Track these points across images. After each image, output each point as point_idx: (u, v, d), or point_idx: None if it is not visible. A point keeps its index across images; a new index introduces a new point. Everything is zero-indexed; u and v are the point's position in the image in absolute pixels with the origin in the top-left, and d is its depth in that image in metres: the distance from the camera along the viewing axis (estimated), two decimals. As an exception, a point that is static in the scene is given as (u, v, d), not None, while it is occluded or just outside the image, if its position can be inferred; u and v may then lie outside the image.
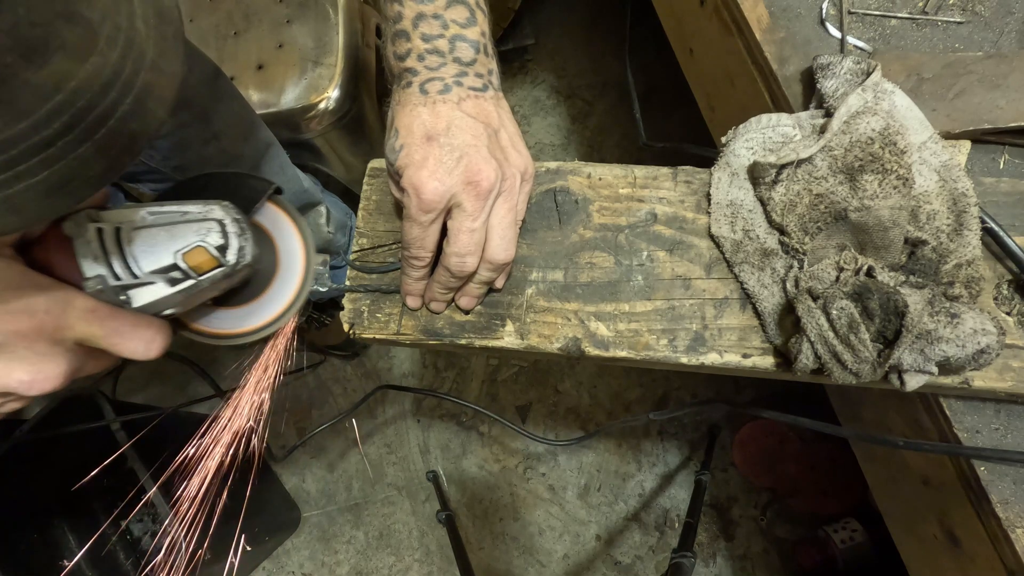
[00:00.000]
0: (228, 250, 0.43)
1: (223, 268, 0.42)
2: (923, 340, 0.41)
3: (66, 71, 0.26)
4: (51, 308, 0.35)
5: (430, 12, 0.43)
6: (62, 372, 0.36)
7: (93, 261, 0.39)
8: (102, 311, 0.37)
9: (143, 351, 0.39)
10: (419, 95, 0.44)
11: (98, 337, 0.37)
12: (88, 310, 0.37)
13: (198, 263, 0.41)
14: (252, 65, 1.12)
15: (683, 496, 1.40)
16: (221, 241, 0.42)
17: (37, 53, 0.25)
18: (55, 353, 0.36)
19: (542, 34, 1.76)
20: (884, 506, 0.67)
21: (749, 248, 0.49)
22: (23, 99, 0.26)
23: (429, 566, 1.45)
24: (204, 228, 0.42)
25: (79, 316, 0.36)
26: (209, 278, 0.42)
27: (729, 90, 0.70)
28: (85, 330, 0.36)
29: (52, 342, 0.35)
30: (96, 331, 0.37)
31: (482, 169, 0.42)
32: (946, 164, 0.48)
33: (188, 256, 0.41)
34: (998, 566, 0.48)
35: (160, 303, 0.40)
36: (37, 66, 0.25)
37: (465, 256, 0.45)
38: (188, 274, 0.41)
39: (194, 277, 0.41)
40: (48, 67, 0.26)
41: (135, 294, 0.40)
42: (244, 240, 0.44)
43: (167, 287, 0.40)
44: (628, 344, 0.49)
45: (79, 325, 0.36)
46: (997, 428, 0.49)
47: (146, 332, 0.39)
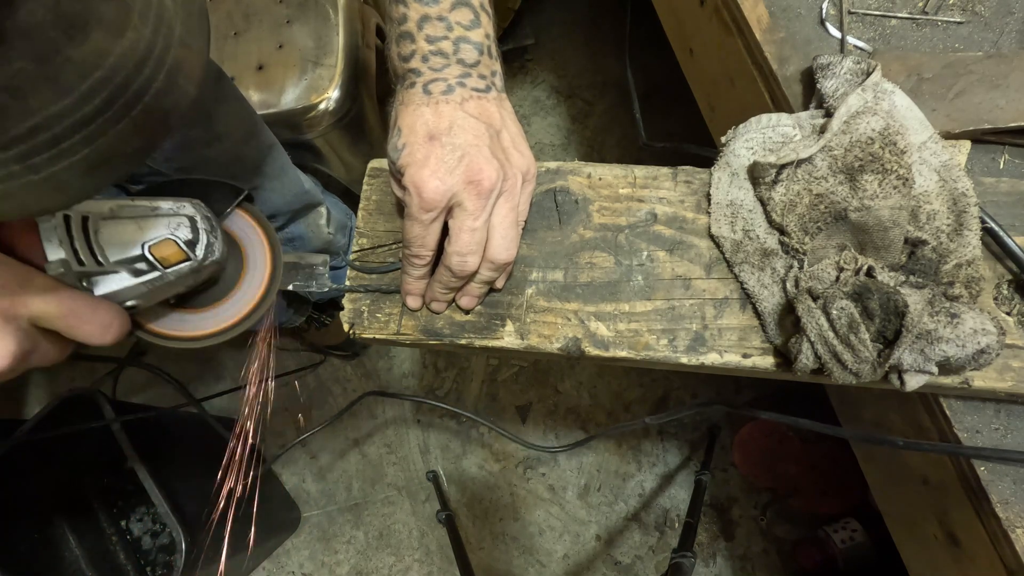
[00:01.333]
0: (197, 245, 0.43)
1: (190, 262, 0.42)
2: (923, 340, 0.41)
3: (105, 47, 0.27)
4: (7, 283, 0.34)
5: (435, 14, 0.43)
6: (11, 351, 0.34)
7: (58, 245, 0.38)
8: (61, 290, 0.36)
9: (99, 335, 0.38)
10: (422, 95, 0.44)
11: (54, 316, 0.36)
12: (46, 288, 0.36)
13: (165, 255, 0.41)
14: (252, 66, 1.12)
15: (683, 496, 1.40)
16: (191, 236, 0.43)
17: (78, 29, 0.26)
18: (7, 330, 0.34)
19: (542, 34, 1.76)
20: (884, 506, 0.67)
21: (749, 248, 0.49)
22: (66, 75, 0.26)
23: (429, 566, 1.45)
24: (175, 222, 0.43)
25: (36, 293, 0.35)
26: (175, 271, 0.42)
27: (729, 90, 0.70)
28: (41, 308, 0.35)
29: (5, 318, 0.34)
30: (52, 309, 0.36)
31: (483, 168, 0.42)
32: (946, 164, 0.48)
33: (156, 248, 0.41)
34: (998, 566, 0.48)
35: (123, 293, 0.40)
36: (78, 42, 0.26)
37: (466, 255, 0.45)
38: (155, 266, 0.41)
39: (160, 269, 0.41)
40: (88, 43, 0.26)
41: (98, 281, 0.39)
42: (214, 237, 0.44)
43: (131, 277, 0.40)
44: (628, 344, 0.49)
45: (35, 302, 0.35)
46: (997, 428, 0.49)
47: (104, 316, 0.38)
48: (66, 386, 1.51)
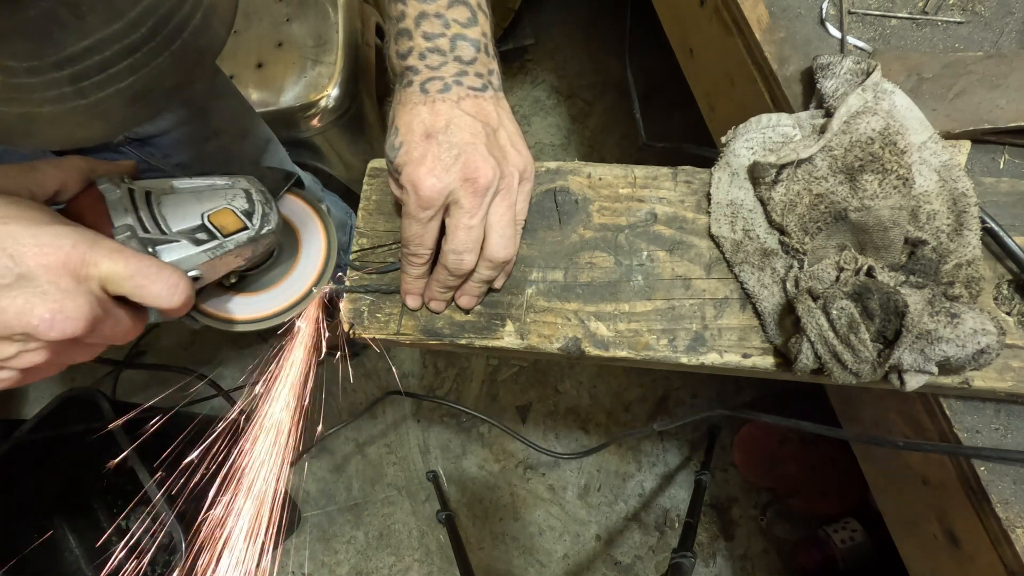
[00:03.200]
0: (254, 215, 0.45)
1: (248, 231, 0.44)
2: (923, 340, 0.41)
3: None
4: (78, 243, 0.34)
5: (432, 11, 0.44)
6: (84, 314, 0.34)
7: (123, 213, 0.40)
8: (128, 252, 0.36)
9: (167, 296, 0.37)
10: (419, 94, 0.44)
11: (123, 276, 0.36)
12: (115, 249, 0.36)
13: (224, 224, 0.43)
14: (252, 64, 1.12)
15: (683, 496, 1.40)
16: (247, 206, 0.45)
17: None
18: (79, 292, 0.34)
19: (542, 34, 1.76)
20: (884, 506, 0.67)
21: (749, 248, 0.49)
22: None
23: (429, 566, 1.45)
24: (231, 194, 0.45)
25: (106, 253, 0.35)
26: (234, 240, 0.43)
27: (729, 90, 0.70)
28: (110, 268, 0.35)
29: (77, 279, 0.34)
30: (121, 268, 0.36)
31: (480, 167, 0.42)
32: (946, 164, 0.48)
33: (215, 217, 0.43)
34: (998, 566, 0.48)
35: (186, 261, 0.41)
36: None
37: (463, 253, 0.45)
38: (214, 234, 0.43)
39: (219, 237, 0.43)
40: None
41: (162, 250, 0.41)
42: (269, 208, 0.46)
43: (193, 246, 0.41)
44: (628, 344, 0.49)
45: (105, 262, 0.35)
46: (997, 428, 0.49)
47: (171, 277, 0.38)
48: (66, 386, 1.51)
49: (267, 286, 0.51)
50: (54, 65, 0.28)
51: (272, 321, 0.50)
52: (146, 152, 0.76)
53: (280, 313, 0.50)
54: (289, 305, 0.51)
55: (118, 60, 0.29)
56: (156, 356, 1.67)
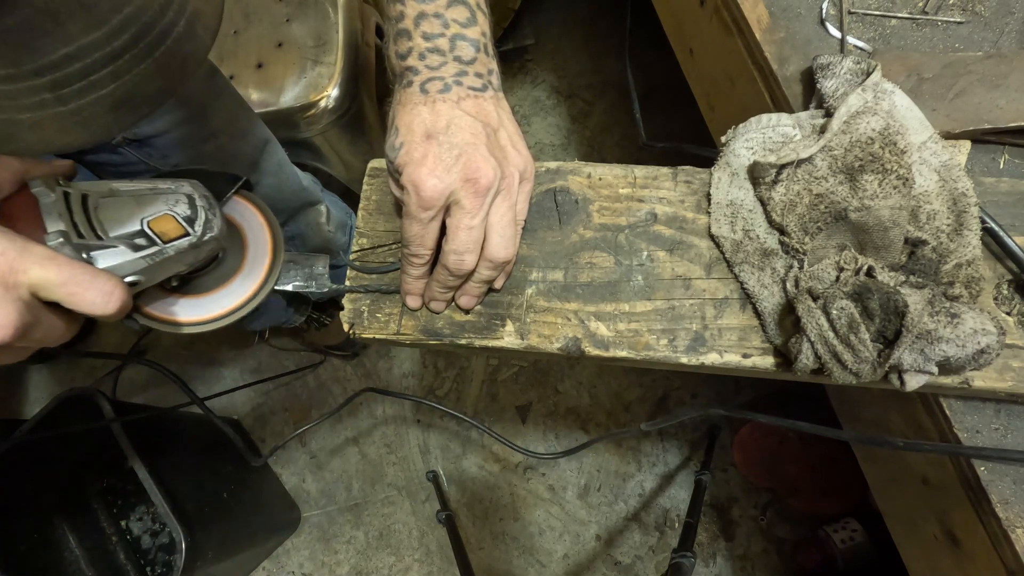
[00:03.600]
0: (196, 221, 0.43)
1: (189, 237, 0.43)
2: (923, 340, 0.41)
3: None
4: (7, 250, 0.34)
5: (431, 11, 0.44)
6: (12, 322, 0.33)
7: (57, 218, 0.38)
8: (60, 259, 0.36)
9: (101, 303, 0.37)
10: (419, 94, 0.44)
11: (55, 284, 0.35)
12: (46, 256, 0.35)
13: (164, 230, 0.42)
14: (252, 64, 1.12)
15: (683, 496, 1.40)
16: (189, 212, 0.43)
17: None
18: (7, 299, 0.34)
19: (542, 34, 1.76)
20: (884, 506, 0.67)
21: (749, 248, 0.49)
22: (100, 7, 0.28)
23: (429, 566, 1.45)
24: (173, 199, 0.43)
25: (36, 261, 0.34)
26: (175, 246, 0.42)
27: (729, 90, 0.70)
28: (41, 275, 0.35)
29: (5, 287, 0.34)
30: (52, 276, 0.35)
31: (480, 167, 0.42)
32: (946, 164, 0.48)
33: (155, 223, 0.42)
34: (998, 566, 0.48)
35: (123, 267, 0.40)
36: None
37: (463, 254, 0.45)
38: (153, 240, 0.41)
39: (159, 243, 0.41)
40: None
41: (98, 256, 0.39)
42: (212, 214, 0.45)
43: (131, 252, 0.40)
44: (628, 344, 0.49)
45: (35, 270, 0.34)
46: (997, 428, 0.49)
47: (105, 284, 0.37)
48: (66, 386, 1.51)
49: (212, 288, 0.50)
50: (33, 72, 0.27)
51: (218, 323, 0.49)
52: (144, 152, 0.76)
53: (226, 315, 0.49)
54: (235, 307, 0.50)
55: (99, 67, 0.29)
56: (156, 355, 1.67)
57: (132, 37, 0.29)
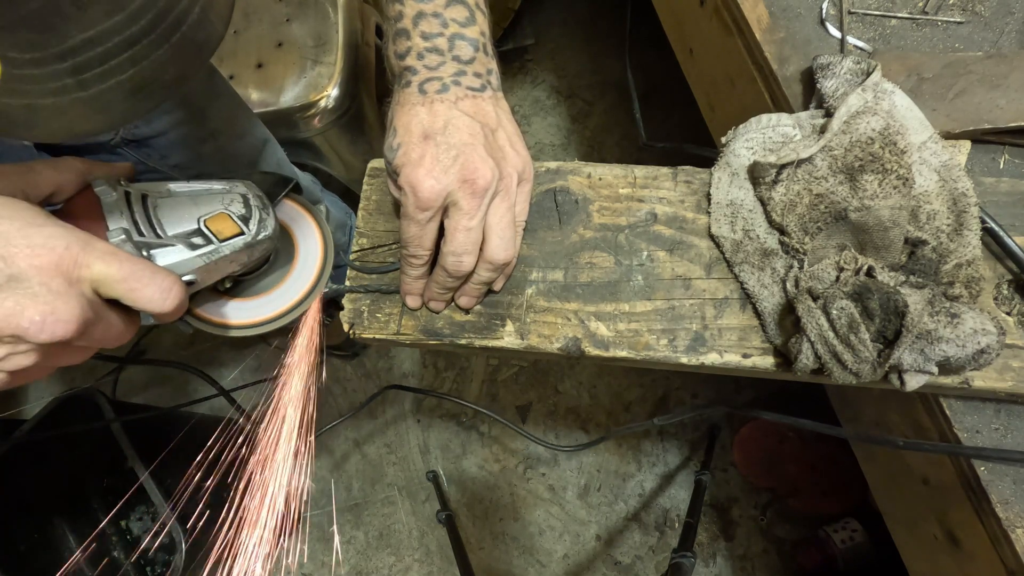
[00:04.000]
0: (250, 220, 0.44)
1: (244, 237, 0.44)
2: (923, 340, 0.41)
3: None
4: (71, 245, 0.34)
5: (430, 11, 0.44)
6: (75, 316, 0.34)
7: (119, 216, 0.39)
8: (122, 255, 0.36)
9: (159, 300, 0.37)
10: (418, 95, 0.44)
11: (115, 279, 0.35)
12: (108, 252, 0.35)
13: (220, 228, 0.43)
14: (252, 64, 1.12)
15: (683, 496, 1.40)
16: (244, 211, 0.44)
17: None
18: (71, 294, 0.34)
19: (542, 34, 1.76)
20: (884, 506, 0.67)
21: (749, 248, 0.49)
22: None
23: (429, 566, 1.45)
24: (228, 198, 0.45)
25: (98, 256, 0.35)
26: (230, 245, 0.43)
27: (729, 90, 0.70)
28: (103, 270, 0.35)
29: (69, 281, 0.34)
30: (114, 272, 0.35)
31: (478, 167, 0.42)
32: (946, 164, 0.48)
33: (211, 221, 0.43)
34: (998, 566, 0.48)
35: (181, 265, 0.41)
36: None
37: (462, 255, 0.45)
38: (210, 239, 0.42)
39: (215, 242, 0.42)
40: None
41: (157, 254, 0.40)
42: (266, 214, 0.46)
43: (188, 251, 0.41)
44: (628, 344, 0.49)
45: (97, 264, 0.35)
46: (997, 428, 0.49)
47: (164, 281, 0.37)
48: (66, 386, 1.51)
49: (263, 291, 0.51)
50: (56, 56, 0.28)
51: (267, 327, 0.50)
52: (143, 153, 0.76)
53: (275, 319, 0.50)
54: (284, 311, 0.50)
55: (119, 52, 0.29)
56: (157, 355, 1.67)
57: (150, 23, 0.30)
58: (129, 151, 0.75)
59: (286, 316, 0.50)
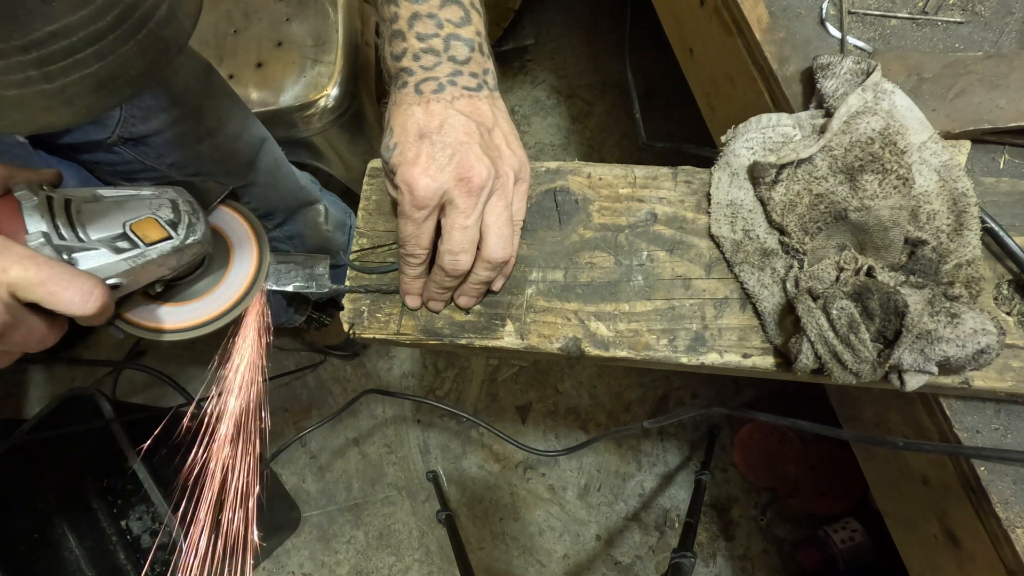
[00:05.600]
0: (179, 225, 0.44)
1: (172, 241, 0.43)
2: (923, 340, 0.41)
3: None
4: None
5: (425, 12, 0.44)
6: None
7: (39, 220, 0.39)
8: (40, 258, 0.36)
9: (80, 303, 0.37)
10: (414, 95, 0.44)
11: (33, 283, 0.35)
12: (25, 256, 0.35)
13: (146, 233, 0.42)
14: (251, 63, 1.12)
15: (683, 496, 1.40)
16: (172, 216, 0.44)
17: None
18: None
19: (542, 34, 1.76)
20: (884, 506, 0.67)
21: (749, 248, 0.49)
22: None
23: (429, 566, 1.45)
24: (156, 204, 0.44)
25: (15, 260, 0.35)
26: (157, 249, 0.43)
27: (729, 90, 0.70)
28: (20, 275, 0.35)
29: None
30: (31, 275, 0.35)
31: (474, 166, 0.42)
32: (946, 164, 0.48)
33: (137, 225, 0.42)
34: (998, 566, 0.48)
35: (104, 269, 0.40)
36: None
37: (458, 254, 0.45)
38: (136, 243, 0.42)
39: (141, 246, 0.42)
40: None
41: (79, 257, 0.40)
42: (195, 219, 0.45)
43: (112, 254, 0.41)
44: (628, 344, 0.49)
45: (14, 269, 0.35)
46: (997, 428, 0.49)
47: (85, 284, 0.37)
48: (66, 386, 1.51)
49: (196, 295, 0.50)
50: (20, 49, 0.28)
51: (199, 331, 0.50)
52: (140, 151, 0.76)
53: (207, 323, 0.50)
54: (217, 314, 0.50)
55: (84, 46, 0.29)
56: (156, 355, 1.67)
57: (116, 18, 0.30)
58: (126, 149, 0.75)
59: (219, 320, 0.50)
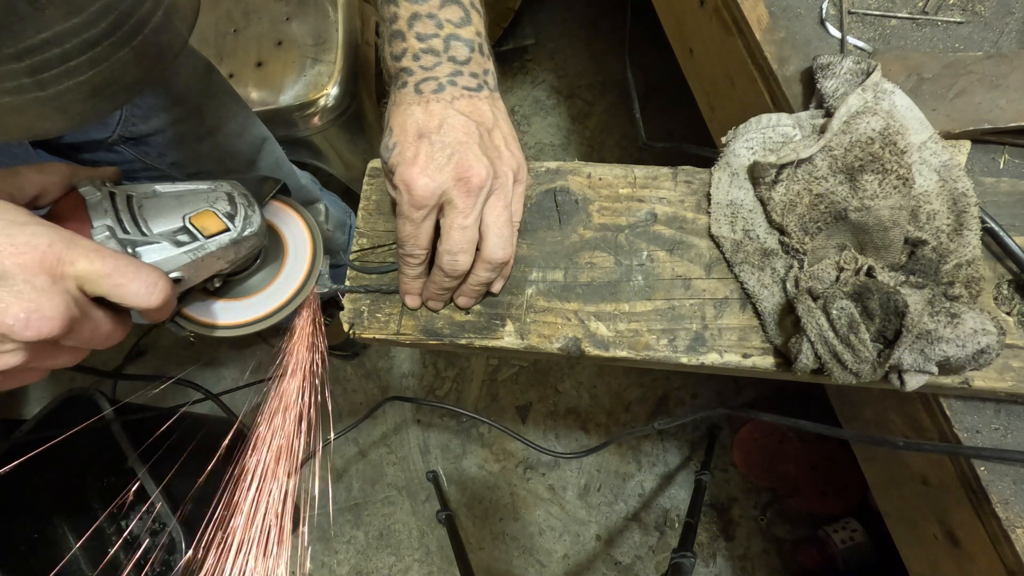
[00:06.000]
0: (236, 217, 0.44)
1: (230, 233, 0.44)
2: (923, 340, 0.41)
3: None
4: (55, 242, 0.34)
5: (425, 12, 0.44)
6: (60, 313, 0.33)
7: (103, 215, 0.39)
8: (106, 251, 0.36)
9: (145, 295, 0.37)
10: (414, 95, 0.44)
11: (100, 276, 0.35)
12: (92, 249, 0.35)
13: (205, 225, 0.43)
14: (251, 62, 1.12)
15: (683, 496, 1.40)
16: (229, 209, 0.44)
17: None
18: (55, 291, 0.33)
19: (542, 34, 1.76)
20: (884, 506, 0.67)
21: (749, 248, 0.49)
22: None
23: (429, 566, 1.45)
24: (213, 197, 0.45)
25: (82, 253, 0.35)
26: (216, 241, 0.43)
27: (729, 90, 0.70)
28: (87, 267, 0.35)
29: (53, 278, 0.34)
30: (98, 268, 0.35)
31: (473, 166, 0.42)
32: (946, 164, 0.48)
33: (196, 218, 0.43)
34: (998, 566, 0.48)
35: (166, 262, 0.41)
36: None
37: (457, 254, 0.45)
38: (195, 236, 0.42)
39: (201, 239, 0.42)
40: None
41: (143, 251, 0.40)
42: (251, 211, 0.46)
43: (173, 248, 0.41)
44: (628, 344, 0.49)
45: (82, 261, 0.35)
46: (997, 428, 0.49)
47: (149, 275, 0.37)
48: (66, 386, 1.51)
49: (251, 292, 0.51)
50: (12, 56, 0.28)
51: (254, 327, 0.50)
52: (140, 151, 0.76)
53: (262, 319, 0.50)
54: (272, 311, 0.50)
55: (78, 54, 0.29)
56: (156, 356, 1.67)
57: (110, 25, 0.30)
58: (127, 148, 0.75)
59: (274, 316, 0.50)
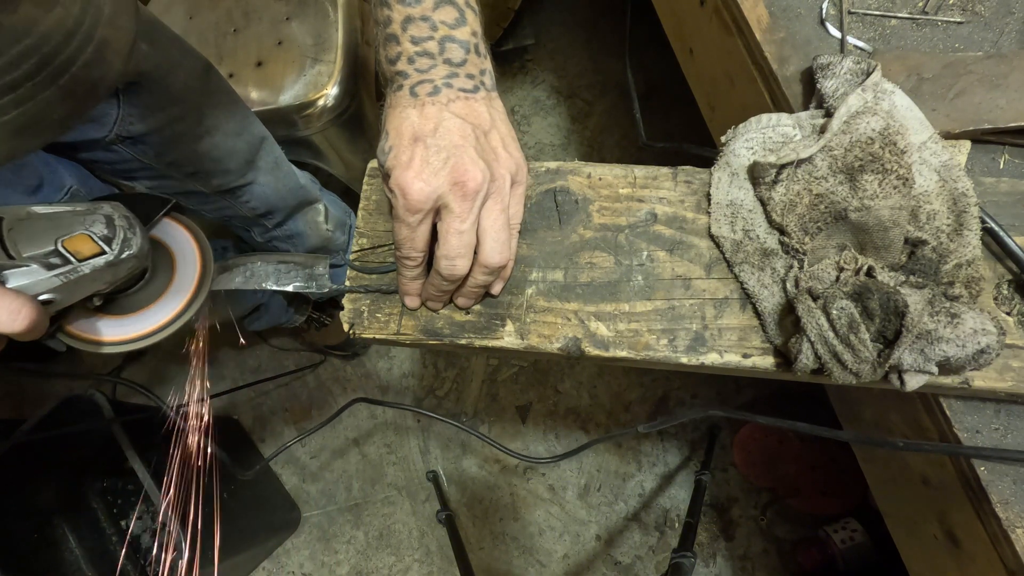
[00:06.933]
0: (114, 240, 0.44)
1: (106, 256, 0.43)
2: (923, 340, 0.41)
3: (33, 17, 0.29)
4: None
5: (418, 14, 0.43)
6: None
7: None
8: None
9: (8, 321, 0.37)
10: (409, 98, 0.44)
11: None
12: None
13: (79, 249, 0.42)
14: (251, 62, 1.12)
15: (683, 496, 1.40)
16: (106, 232, 0.44)
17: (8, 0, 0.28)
18: None
19: (542, 34, 1.76)
20: (884, 506, 0.67)
21: (749, 248, 0.49)
22: None
23: (429, 566, 1.45)
24: (90, 220, 0.44)
25: None
26: (90, 264, 0.42)
27: (729, 90, 0.70)
28: None
29: None
30: None
31: (469, 170, 0.42)
32: (946, 164, 0.48)
33: (69, 242, 0.42)
34: (998, 566, 0.48)
35: (35, 286, 0.40)
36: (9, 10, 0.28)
37: (455, 259, 0.44)
38: (68, 259, 0.41)
39: (74, 262, 0.42)
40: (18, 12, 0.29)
41: (9, 275, 0.39)
42: (131, 233, 0.45)
43: (44, 271, 0.40)
44: (628, 344, 0.49)
45: None
46: (997, 428, 0.49)
47: (12, 303, 0.37)
48: (66, 387, 1.51)
49: (138, 307, 0.50)
50: None
51: (140, 343, 0.50)
52: (139, 150, 0.76)
53: (149, 335, 0.50)
54: (159, 327, 0.50)
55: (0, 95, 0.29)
56: (157, 357, 1.67)
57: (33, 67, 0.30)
58: (124, 147, 0.75)
59: (161, 332, 0.50)
